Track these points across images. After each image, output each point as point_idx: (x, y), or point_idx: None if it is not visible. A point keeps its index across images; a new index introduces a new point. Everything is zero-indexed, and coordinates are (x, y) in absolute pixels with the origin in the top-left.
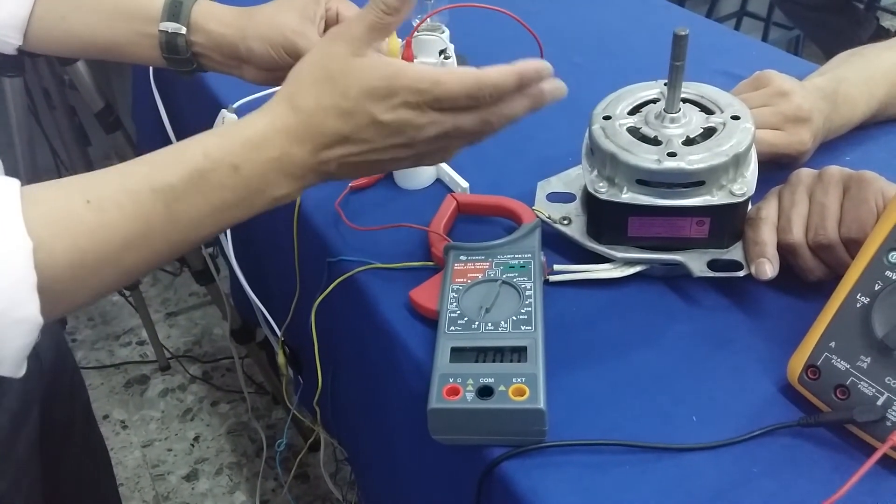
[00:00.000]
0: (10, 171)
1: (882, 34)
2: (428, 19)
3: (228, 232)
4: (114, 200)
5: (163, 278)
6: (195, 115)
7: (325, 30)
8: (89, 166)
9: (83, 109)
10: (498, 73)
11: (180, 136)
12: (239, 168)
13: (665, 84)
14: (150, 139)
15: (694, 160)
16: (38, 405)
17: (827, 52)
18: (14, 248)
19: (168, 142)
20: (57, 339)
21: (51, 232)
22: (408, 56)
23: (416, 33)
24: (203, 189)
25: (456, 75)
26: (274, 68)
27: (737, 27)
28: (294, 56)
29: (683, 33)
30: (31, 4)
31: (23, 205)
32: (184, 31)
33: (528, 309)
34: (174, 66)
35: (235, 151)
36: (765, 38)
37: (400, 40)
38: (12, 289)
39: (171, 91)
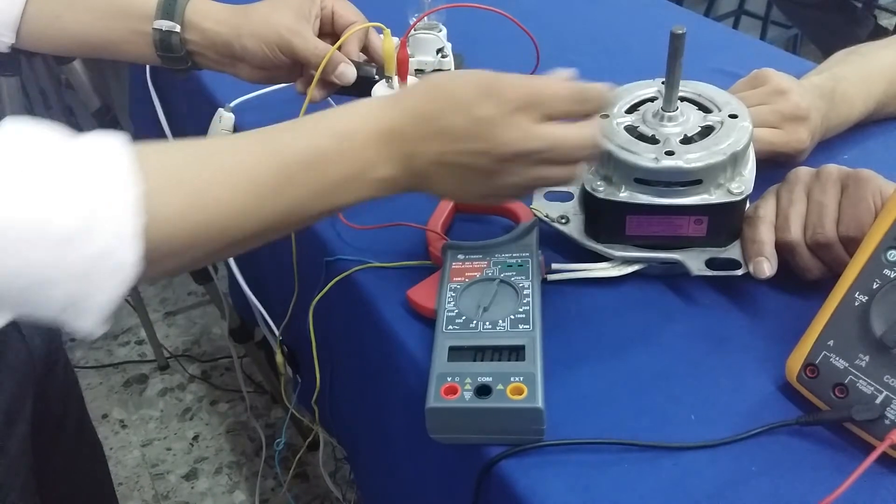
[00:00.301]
0: None
1: (880, 33)
2: (425, 18)
3: None
4: (232, 159)
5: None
6: (192, 114)
7: (321, 28)
8: None
9: (80, 109)
10: (598, 85)
11: (177, 135)
12: (346, 137)
13: (663, 82)
14: (148, 139)
15: (691, 159)
16: (30, 401)
17: (825, 50)
18: (122, 191)
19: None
20: (48, 335)
21: (168, 181)
22: (403, 56)
23: (412, 32)
24: (311, 154)
25: (562, 81)
26: (269, 67)
27: (735, 26)
28: (289, 55)
29: (681, 32)
30: (23, 2)
31: (138, 154)
32: (178, 29)
33: (525, 308)
34: (169, 64)
35: (346, 121)
36: (763, 37)
37: (396, 39)
38: (114, 233)
39: (168, 90)
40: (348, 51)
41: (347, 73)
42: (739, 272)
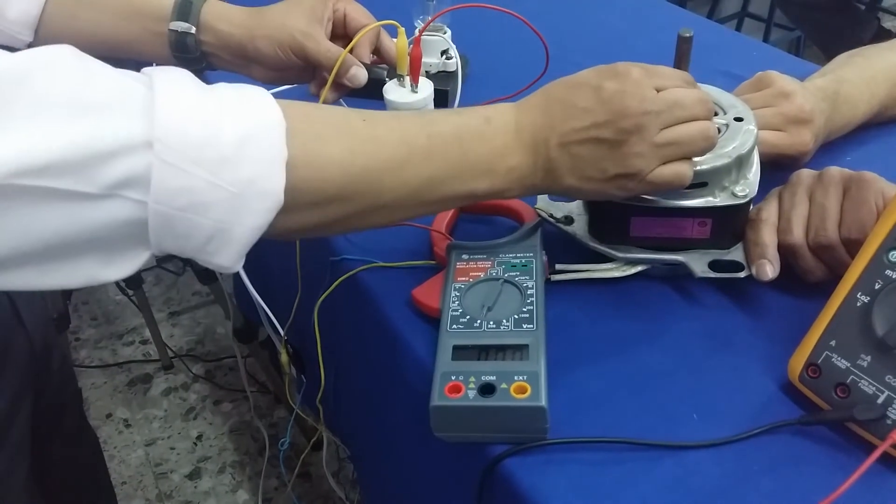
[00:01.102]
0: None
1: (883, 35)
2: (429, 19)
3: None
4: (386, 123)
5: (165, 278)
6: None
7: (333, 31)
8: None
9: None
10: None
11: None
12: (490, 119)
13: None
14: None
15: (696, 161)
16: (31, 394)
17: (828, 52)
18: (270, 124)
19: None
20: (44, 328)
21: (330, 132)
22: (416, 54)
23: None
24: (458, 129)
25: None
26: (282, 68)
27: (738, 28)
28: (301, 57)
29: (688, 34)
30: (42, 2)
31: (307, 108)
32: (193, 30)
33: (529, 307)
34: (183, 64)
35: (489, 108)
36: (766, 39)
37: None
38: (263, 161)
39: None
40: (359, 53)
41: (359, 75)
42: (742, 274)
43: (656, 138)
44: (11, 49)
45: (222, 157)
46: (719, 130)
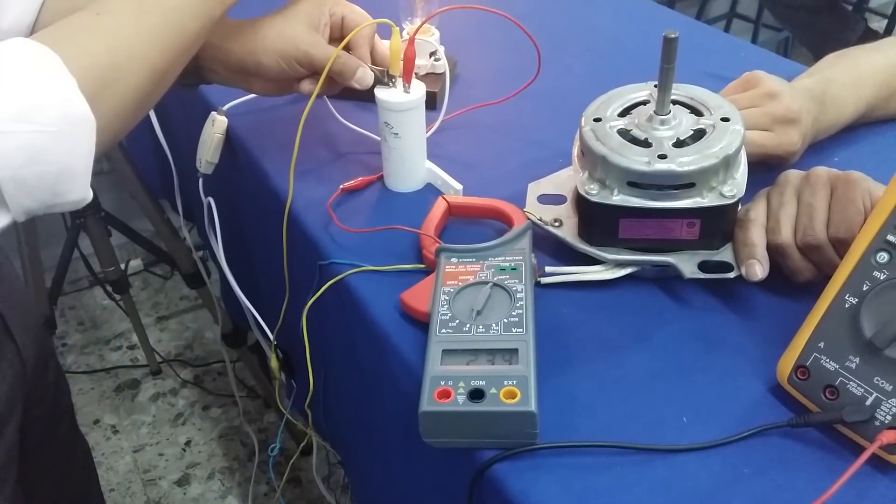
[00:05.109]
0: None
1: (870, 36)
2: (417, 21)
3: (219, 234)
4: (117, 6)
5: (153, 282)
6: (185, 117)
7: (331, 35)
8: None
9: None
10: None
11: (170, 138)
12: None
13: (655, 86)
14: (141, 143)
15: (684, 162)
16: (20, 406)
17: (816, 53)
18: (48, 64)
19: (158, 146)
20: (40, 340)
21: (81, 41)
22: (409, 55)
23: (407, 35)
24: None
25: None
26: (284, 79)
27: (726, 29)
28: (308, 66)
29: (673, 36)
30: (36, 11)
31: (56, 32)
32: None
33: (519, 311)
34: (179, 78)
35: None
36: (754, 40)
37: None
38: (62, 94)
39: None
40: (361, 55)
41: (366, 77)
42: (732, 275)
43: None
44: None
45: (32, 105)
46: (705, 132)
